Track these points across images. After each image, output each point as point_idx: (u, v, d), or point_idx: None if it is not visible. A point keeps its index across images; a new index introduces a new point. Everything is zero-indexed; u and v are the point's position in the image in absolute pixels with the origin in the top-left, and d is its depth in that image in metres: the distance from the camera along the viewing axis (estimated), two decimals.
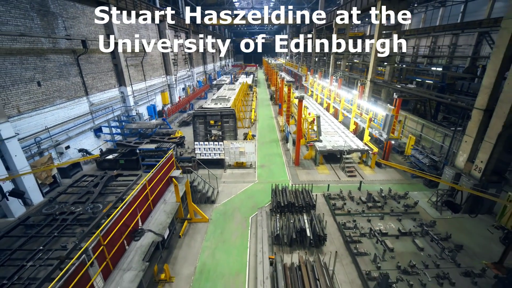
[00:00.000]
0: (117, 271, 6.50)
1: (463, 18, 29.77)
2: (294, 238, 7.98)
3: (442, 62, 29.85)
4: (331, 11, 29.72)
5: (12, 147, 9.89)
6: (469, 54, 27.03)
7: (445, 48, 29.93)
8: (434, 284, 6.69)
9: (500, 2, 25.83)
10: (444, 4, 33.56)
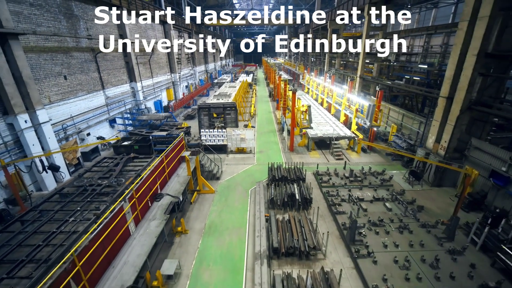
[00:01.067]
0: (144, 221, 8.25)
1: (454, 19, 31.52)
2: (285, 201, 9.71)
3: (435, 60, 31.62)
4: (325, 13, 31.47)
5: (47, 130, 11.65)
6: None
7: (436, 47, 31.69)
8: (396, 232, 8.41)
9: None
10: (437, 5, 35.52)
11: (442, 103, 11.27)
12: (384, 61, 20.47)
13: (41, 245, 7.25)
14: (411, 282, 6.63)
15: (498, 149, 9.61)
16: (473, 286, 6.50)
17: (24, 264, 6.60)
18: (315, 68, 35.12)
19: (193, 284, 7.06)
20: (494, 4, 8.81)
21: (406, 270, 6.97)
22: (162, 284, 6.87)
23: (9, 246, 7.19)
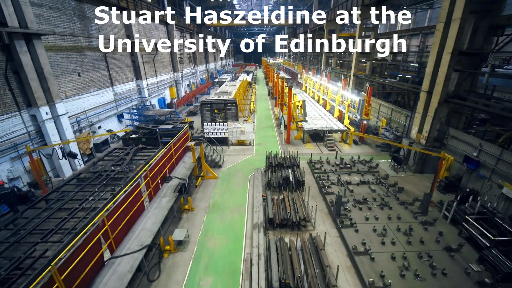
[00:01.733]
0: (156, 198, 9.41)
1: None
2: (281, 183, 10.85)
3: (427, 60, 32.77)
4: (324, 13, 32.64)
5: (64, 122, 12.82)
6: None
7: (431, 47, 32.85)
8: (377, 208, 9.56)
9: None
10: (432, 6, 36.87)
11: (423, 97, 12.42)
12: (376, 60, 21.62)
13: (67, 218, 8.38)
14: (386, 246, 7.78)
15: (470, 137, 10.77)
16: (438, 248, 7.66)
17: (54, 232, 7.72)
18: (313, 67, 36.30)
19: (200, 249, 8.22)
20: (464, 8, 9.96)
21: (383, 236, 8.12)
22: (173, 248, 8.03)
23: (39, 219, 8.31)
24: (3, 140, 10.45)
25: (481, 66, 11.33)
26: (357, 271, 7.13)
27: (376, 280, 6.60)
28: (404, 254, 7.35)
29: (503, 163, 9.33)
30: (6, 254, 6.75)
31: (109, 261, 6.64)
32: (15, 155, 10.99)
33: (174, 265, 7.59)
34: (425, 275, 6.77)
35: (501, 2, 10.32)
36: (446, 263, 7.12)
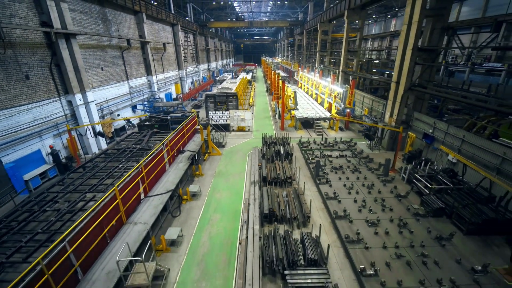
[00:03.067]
0: (174, 164, 11.87)
1: None
2: (274, 156, 13.30)
3: None
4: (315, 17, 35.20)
5: (93, 108, 15.28)
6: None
7: None
8: (350, 173, 11.99)
9: (466, 6, 31.27)
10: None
11: (393, 87, 14.88)
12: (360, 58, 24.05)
13: (104, 177, 10.78)
14: (351, 195, 10.21)
15: (427, 117, 13.24)
16: (390, 196, 10.11)
17: (96, 187, 10.10)
18: (308, 65, 38.78)
19: (209, 199, 10.67)
20: (421, 13, 12.41)
21: (350, 189, 10.56)
22: (189, 197, 10.48)
23: (83, 179, 10.71)
24: (48, 119, 12.90)
25: (436, 60, 13.77)
26: (327, 210, 9.58)
27: (340, 213, 9.04)
28: (363, 199, 9.80)
29: (450, 136, 11.79)
30: (63, 200, 9.17)
31: (144, 199, 9.08)
32: (56, 133, 13.43)
33: (191, 208, 10.04)
34: (377, 211, 9.21)
35: (449, 9, 12.76)
36: (394, 204, 9.57)
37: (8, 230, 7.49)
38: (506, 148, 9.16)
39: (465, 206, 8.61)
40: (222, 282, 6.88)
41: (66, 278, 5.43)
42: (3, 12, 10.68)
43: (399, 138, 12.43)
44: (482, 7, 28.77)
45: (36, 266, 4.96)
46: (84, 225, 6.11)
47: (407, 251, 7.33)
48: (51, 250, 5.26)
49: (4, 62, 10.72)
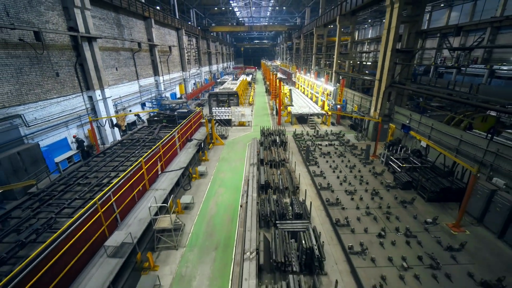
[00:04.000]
0: (184, 149, 13.69)
1: (429, 25, 37.26)
2: (270, 144, 15.13)
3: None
4: (311, 22, 37.30)
5: (109, 103, 17.15)
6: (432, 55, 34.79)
7: None
8: (336, 157, 13.80)
9: (455, 12, 33.34)
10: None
11: (376, 84, 16.76)
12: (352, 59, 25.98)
13: (123, 161, 12.59)
14: (335, 173, 12.01)
15: (405, 110, 15.10)
16: (368, 174, 11.91)
17: (117, 168, 11.89)
18: (305, 67, 40.79)
19: (215, 177, 12.49)
20: (397, 19, 14.33)
21: (334, 169, 12.37)
22: (198, 176, 12.29)
23: (105, 161, 12.51)
24: (73, 111, 14.76)
25: (413, 60, 15.67)
26: (314, 184, 11.39)
27: (324, 185, 10.85)
28: (345, 176, 11.60)
29: (422, 125, 13.63)
30: (92, 177, 10.98)
31: (161, 174, 10.89)
32: (79, 124, 15.28)
33: (199, 184, 11.86)
34: (355, 184, 11.00)
35: (422, 16, 14.68)
36: (370, 180, 11.37)
37: (51, 197, 9.31)
38: (462, 132, 11.01)
39: (428, 179, 10.42)
40: (227, 233, 8.67)
41: (110, 220, 7.23)
42: (40, 19, 12.60)
43: (378, 127, 14.27)
44: (469, 12, 30.91)
45: (90, 207, 6.74)
46: (118, 186, 7.90)
47: (375, 211, 9.13)
48: (100, 198, 7.06)
49: (40, 61, 12.61)
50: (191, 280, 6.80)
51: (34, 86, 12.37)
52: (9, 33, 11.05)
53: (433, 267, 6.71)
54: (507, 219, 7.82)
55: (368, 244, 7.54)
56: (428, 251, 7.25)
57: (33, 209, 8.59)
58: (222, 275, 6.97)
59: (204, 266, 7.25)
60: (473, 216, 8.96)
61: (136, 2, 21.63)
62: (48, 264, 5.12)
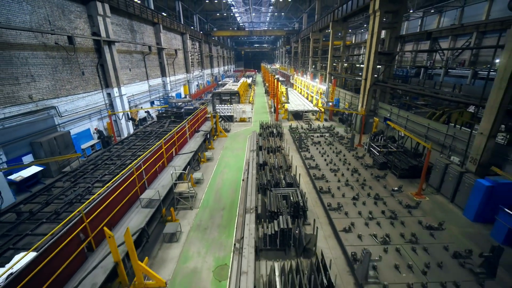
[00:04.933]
0: (192, 138, 15.71)
1: (421, 29, 39.53)
2: (268, 135, 17.14)
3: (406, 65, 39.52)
4: (308, 27, 39.60)
5: (125, 100, 19.20)
6: (424, 58, 37.14)
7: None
8: (325, 145, 15.82)
9: (447, 17, 35.65)
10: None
11: (363, 83, 18.83)
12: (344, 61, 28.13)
13: (140, 148, 14.59)
14: (323, 157, 14.01)
15: (386, 105, 17.16)
16: (352, 158, 13.91)
17: (135, 153, 13.89)
18: (302, 69, 43.00)
19: (220, 161, 14.49)
20: (379, 25, 16.45)
21: (323, 154, 14.37)
22: (205, 159, 14.29)
23: (124, 149, 14.50)
24: (95, 106, 16.80)
25: (393, 61, 17.78)
26: (305, 165, 13.38)
27: (313, 165, 12.84)
28: (331, 159, 13.60)
29: (400, 118, 15.66)
30: (116, 159, 12.95)
31: (176, 156, 12.89)
32: (99, 117, 17.31)
33: (207, 166, 13.86)
34: (339, 165, 12.99)
35: (400, 23, 16.82)
36: (352, 161, 13.38)
37: (84, 173, 11.29)
38: (429, 121, 13.05)
39: (400, 160, 12.43)
40: (231, 200, 10.64)
41: (141, 183, 9.21)
42: (71, 25, 14.72)
43: (362, 120, 16.32)
44: (457, 17, 33.19)
45: (128, 170, 8.71)
46: (145, 159, 9.88)
47: (353, 183, 11.12)
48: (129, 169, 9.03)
49: (70, 61, 14.70)
50: (205, 229, 8.77)
51: (65, 83, 14.44)
52: (48, 37, 13.15)
53: (392, 218, 8.69)
54: (456, 187, 9.81)
55: (343, 204, 9.52)
56: (391, 209, 9.23)
57: (72, 182, 10.60)
58: (229, 225, 8.94)
59: (214, 220, 9.22)
60: (433, 187, 10.95)
61: (147, 9, 23.85)
62: (102, 206, 7.06)
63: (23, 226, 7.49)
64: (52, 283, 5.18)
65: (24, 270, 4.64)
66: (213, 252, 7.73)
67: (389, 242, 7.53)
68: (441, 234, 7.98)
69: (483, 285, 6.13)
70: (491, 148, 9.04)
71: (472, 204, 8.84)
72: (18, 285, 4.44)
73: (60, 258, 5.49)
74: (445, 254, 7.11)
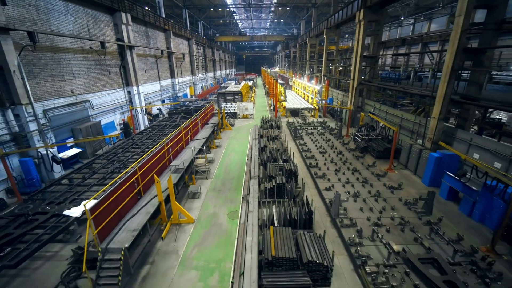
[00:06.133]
0: (203, 129, 18.28)
1: (413, 33, 42.46)
2: (268, 127, 19.71)
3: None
4: (305, 33, 42.49)
5: (142, 97, 21.84)
6: (416, 62, 40.02)
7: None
8: (318, 136, 18.37)
9: (435, 23, 38.56)
10: None
11: (351, 83, 21.48)
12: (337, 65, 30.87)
13: (157, 139, 17.14)
14: (314, 143, 16.57)
15: (371, 102, 19.77)
16: (339, 144, 16.46)
17: (154, 142, 16.45)
18: (300, 72, 45.79)
19: (227, 147, 17.04)
20: (363, 32, 19.12)
21: (315, 142, 16.92)
22: (215, 146, 16.84)
23: (144, 138, 17.06)
24: (118, 102, 19.40)
25: (376, 63, 20.43)
26: (299, 150, 15.92)
27: (306, 149, 15.38)
28: (321, 145, 16.15)
29: (381, 112, 18.25)
30: (140, 145, 15.50)
31: (191, 141, 15.44)
32: (121, 111, 19.90)
33: (216, 151, 16.41)
34: (327, 149, 15.53)
35: (382, 30, 19.54)
36: (339, 147, 15.92)
37: (117, 154, 13.83)
38: (402, 112, 15.65)
39: (378, 144, 14.99)
40: (238, 173, 13.16)
41: (168, 156, 11.73)
42: (101, 32, 17.40)
43: (349, 114, 18.93)
44: (445, 24, 36.05)
45: (160, 145, 11.23)
46: (170, 139, 12.41)
47: (337, 161, 13.65)
48: (161, 143, 11.56)
49: (100, 63, 17.34)
50: (219, 191, 11.29)
51: (96, 81, 17.06)
52: (85, 42, 15.81)
53: (364, 182, 11.21)
54: (417, 161, 12.35)
55: (327, 174, 12.04)
56: (364, 177, 11.75)
57: (108, 160, 13.15)
58: (237, 188, 11.46)
59: (225, 185, 11.75)
60: (402, 164, 13.49)
61: (160, 17, 26.64)
62: (146, 165, 9.55)
63: (77, 188, 10.02)
64: (119, 211, 7.69)
65: (98, 203, 7.14)
66: (226, 204, 10.24)
67: (358, 195, 10.06)
68: (399, 192, 10.50)
69: (421, 218, 8.64)
70: (441, 129, 11.60)
71: (427, 172, 11.37)
72: (96, 211, 6.88)
73: (122, 196, 8.00)
74: (398, 203, 9.63)
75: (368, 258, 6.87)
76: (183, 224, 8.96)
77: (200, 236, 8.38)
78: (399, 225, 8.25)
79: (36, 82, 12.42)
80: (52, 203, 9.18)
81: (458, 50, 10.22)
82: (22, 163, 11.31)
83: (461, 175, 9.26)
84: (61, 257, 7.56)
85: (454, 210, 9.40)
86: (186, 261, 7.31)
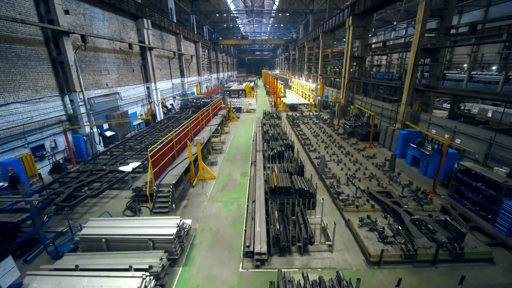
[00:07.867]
0: (213, 119, 21.22)
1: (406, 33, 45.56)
2: (270, 118, 22.64)
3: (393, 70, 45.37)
4: (304, 37, 45.65)
5: (159, 93, 24.83)
6: None
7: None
8: (313, 124, 21.30)
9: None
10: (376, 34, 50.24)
11: (342, 80, 24.46)
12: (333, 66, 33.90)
13: (175, 126, 20.11)
14: (309, 130, 19.50)
15: (359, 96, 22.75)
16: (330, 130, 19.39)
17: (171, 129, 19.41)
18: (298, 73, 48.89)
19: (235, 134, 19.98)
20: (352, 36, 22.14)
21: (310, 129, 19.85)
22: (224, 132, 19.77)
23: (163, 127, 20.01)
24: (140, 95, 22.38)
25: (364, 63, 23.43)
26: (296, 135, 18.83)
27: (302, 133, 18.31)
28: (315, 131, 19.07)
29: (367, 104, 21.21)
30: (159, 131, 18.44)
31: (205, 127, 18.36)
32: (141, 104, 22.86)
33: (226, 136, 19.35)
34: (320, 134, 18.45)
35: (367, 35, 22.57)
36: (330, 132, 18.85)
37: (144, 136, 16.78)
38: (383, 103, 18.61)
39: (362, 129, 17.90)
40: (246, 151, 16.07)
41: (189, 135, 14.64)
42: (128, 35, 20.44)
43: (339, 107, 21.90)
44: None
45: (185, 124, 14.14)
46: (192, 121, 15.32)
47: (327, 141, 16.56)
48: (186, 123, 14.47)
49: (127, 61, 20.36)
50: (232, 161, 14.20)
51: (123, 77, 20.05)
52: (115, 43, 18.83)
53: (347, 154, 14.10)
54: (391, 140, 15.26)
55: (318, 149, 14.95)
56: (347, 150, 14.65)
57: (136, 140, 16.11)
58: (246, 159, 14.37)
59: (236, 157, 14.66)
60: (381, 144, 16.40)
61: (172, 23, 29.76)
62: (178, 137, 12.43)
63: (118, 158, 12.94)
64: (164, 163, 10.58)
65: (153, 153, 10.05)
66: (239, 168, 13.16)
67: (341, 161, 12.96)
68: (373, 160, 13.41)
69: (385, 174, 11.52)
70: (409, 113, 14.54)
71: (397, 146, 14.29)
72: (152, 158, 9.77)
73: (165, 154, 10.89)
74: (371, 166, 12.53)
75: (342, 193, 9.76)
76: (207, 179, 11.85)
77: (221, 185, 11.29)
78: (368, 177, 11.14)
79: (83, 75, 15.39)
80: (105, 165, 12.12)
81: (418, 49, 13.20)
82: (74, 139, 14.22)
83: (417, 143, 12.19)
84: (120, 197, 10.44)
85: (415, 172, 12.29)
86: (212, 198, 10.21)
